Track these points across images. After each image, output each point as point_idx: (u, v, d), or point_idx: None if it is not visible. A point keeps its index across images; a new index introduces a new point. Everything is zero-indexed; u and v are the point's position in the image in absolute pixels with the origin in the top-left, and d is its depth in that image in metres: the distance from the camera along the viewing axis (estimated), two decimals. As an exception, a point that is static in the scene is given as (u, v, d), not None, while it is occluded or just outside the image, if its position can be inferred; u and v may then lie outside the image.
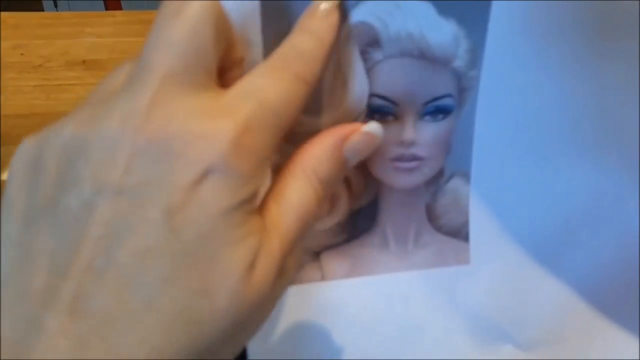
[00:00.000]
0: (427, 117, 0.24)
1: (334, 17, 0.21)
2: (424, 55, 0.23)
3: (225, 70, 0.20)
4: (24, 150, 0.18)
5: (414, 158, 0.25)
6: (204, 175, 0.16)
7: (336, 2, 0.21)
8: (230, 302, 0.16)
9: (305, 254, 0.26)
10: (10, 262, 0.16)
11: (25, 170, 0.17)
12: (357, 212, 0.26)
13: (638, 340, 0.27)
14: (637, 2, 0.22)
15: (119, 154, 0.16)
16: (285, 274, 0.18)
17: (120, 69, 0.19)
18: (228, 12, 0.21)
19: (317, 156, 0.19)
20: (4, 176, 0.45)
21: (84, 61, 0.56)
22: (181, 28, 0.17)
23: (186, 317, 0.15)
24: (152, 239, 0.15)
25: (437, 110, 0.24)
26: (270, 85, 0.18)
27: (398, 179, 0.25)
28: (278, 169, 0.20)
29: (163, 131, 0.16)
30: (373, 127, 0.21)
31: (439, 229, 0.27)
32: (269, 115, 0.17)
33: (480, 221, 0.27)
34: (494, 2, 0.22)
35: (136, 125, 0.16)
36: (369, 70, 0.23)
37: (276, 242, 0.17)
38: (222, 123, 0.16)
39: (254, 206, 0.17)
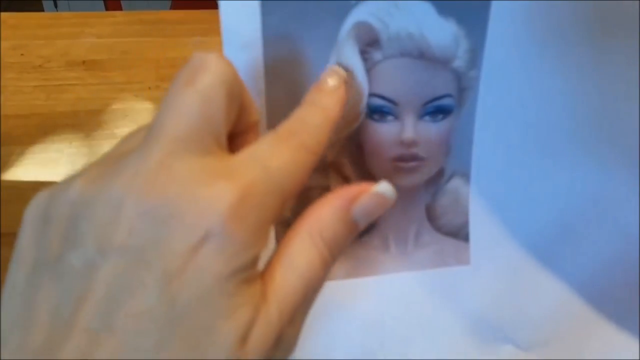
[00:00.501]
0: (427, 117, 0.24)
1: (341, 92, 0.21)
2: (423, 56, 0.23)
3: (237, 134, 0.20)
4: (36, 203, 0.18)
5: (414, 158, 0.25)
6: (202, 240, 0.16)
7: (342, 77, 0.21)
8: None
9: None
10: (13, 314, 0.17)
11: (36, 222, 0.18)
12: (357, 212, 0.26)
13: (638, 341, 0.27)
14: (637, 2, 0.22)
15: (122, 216, 0.16)
16: (285, 342, 0.18)
17: (137, 132, 0.20)
18: (229, 15, 0.21)
19: (324, 219, 0.19)
20: (4, 176, 0.45)
21: (84, 61, 0.56)
22: (193, 97, 0.17)
23: None
24: (149, 304, 0.15)
25: (437, 110, 0.24)
26: (275, 153, 0.18)
27: (398, 178, 0.25)
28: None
29: (165, 194, 0.16)
30: (384, 188, 0.20)
31: (439, 229, 0.27)
32: (273, 182, 0.18)
33: (481, 221, 0.27)
34: (493, 2, 0.22)
35: (140, 187, 0.16)
36: (369, 70, 0.23)
37: (275, 310, 0.17)
38: (223, 186, 0.16)
39: (252, 273, 0.17)
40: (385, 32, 0.22)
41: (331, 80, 0.21)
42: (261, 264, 0.18)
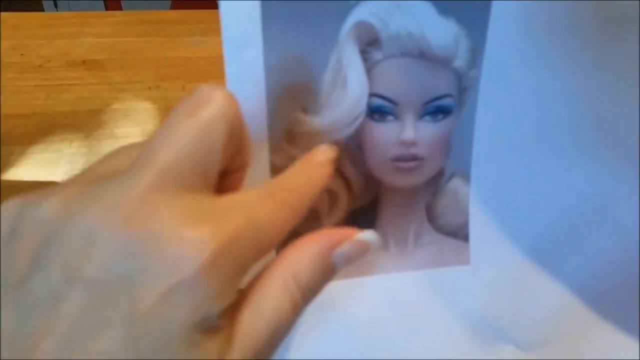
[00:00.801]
0: (427, 117, 0.24)
1: (328, 169, 0.21)
2: (424, 55, 0.23)
3: (226, 173, 0.19)
4: (7, 210, 0.17)
5: (414, 158, 0.25)
6: (174, 287, 0.15)
7: (331, 156, 0.22)
8: None
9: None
10: None
11: (4, 235, 0.17)
12: (357, 211, 0.26)
13: (638, 341, 0.27)
14: (637, 2, 0.22)
15: (94, 248, 0.15)
16: None
17: (126, 150, 0.19)
18: (229, 15, 0.21)
19: (300, 262, 0.18)
20: (4, 176, 0.45)
21: (84, 61, 0.56)
22: (192, 129, 0.17)
23: None
24: (111, 346, 0.15)
25: (437, 110, 0.24)
26: (260, 204, 0.18)
27: (398, 178, 0.25)
28: (277, 171, 0.20)
29: (143, 231, 0.15)
30: (369, 236, 0.20)
31: (439, 229, 0.27)
32: (256, 234, 0.17)
33: (480, 221, 0.27)
34: (494, 2, 0.22)
35: (118, 221, 0.15)
36: (369, 70, 0.23)
37: (238, 356, 0.17)
38: (206, 232, 0.16)
39: (219, 323, 0.16)
40: (386, 32, 0.22)
41: (320, 157, 0.21)
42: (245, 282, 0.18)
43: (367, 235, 0.20)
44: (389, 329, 0.28)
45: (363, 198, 0.26)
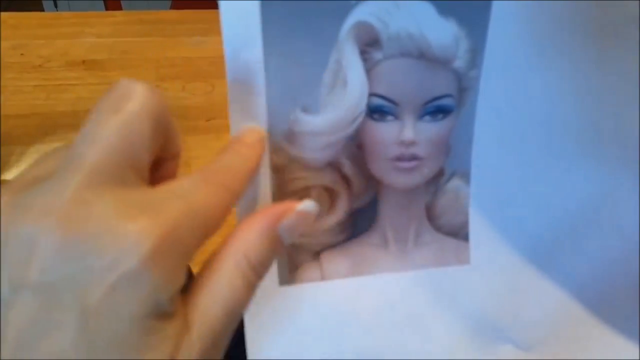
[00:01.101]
0: (427, 117, 0.24)
1: (259, 149, 0.22)
2: (424, 55, 0.23)
3: (159, 163, 0.20)
4: None
5: (414, 158, 0.25)
6: (120, 280, 0.15)
7: (260, 137, 0.22)
8: None
9: (305, 254, 0.26)
10: None
11: None
12: (357, 211, 0.26)
13: (638, 341, 0.27)
14: (637, 2, 0.22)
15: (34, 253, 0.15)
16: None
17: (56, 152, 0.19)
18: (229, 15, 0.21)
19: (248, 240, 0.19)
20: (4, 176, 0.45)
21: (84, 61, 0.56)
22: (116, 126, 0.17)
23: None
24: (66, 344, 0.15)
25: (437, 110, 0.24)
26: (198, 189, 0.18)
27: (398, 178, 0.25)
28: (277, 171, 0.20)
29: (81, 230, 0.15)
30: (307, 205, 0.21)
31: (438, 228, 0.27)
32: (195, 218, 0.17)
33: (480, 221, 0.27)
34: (494, 3, 0.22)
35: (54, 222, 0.15)
36: (369, 70, 0.23)
37: (197, 340, 0.17)
38: (144, 223, 0.16)
39: (171, 309, 0.17)
40: (386, 32, 0.22)
41: (248, 138, 0.22)
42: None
43: (305, 205, 0.21)
44: (388, 329, 0.28)
45: (363, 198, 0.26)
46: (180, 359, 0.16)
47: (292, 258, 0.25)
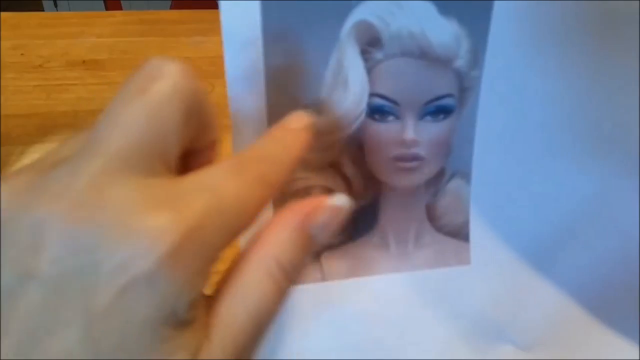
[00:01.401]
0: (428, 117, 0.24)
1: (304, 135, 0.20)
2: (425, 55, 0.23)
3: (193, 152, 0.18)
4: None
5: (415, 158, 0.25)
6: (133, 281, 0.14)
7: (307, 122, 0.20)
8: None
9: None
10: None
11: None
12: (358, 212, 0.26)
13: (637, 341, 0.27)
14: (638, 1, 0.22)
15: (44, 241, 0.14)
16: None
17: (74, 138, 0.17)
18: (229, 15, 0.21)
19: (279, 242, 0.17)
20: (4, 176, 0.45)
21: (84, 61, 0.56)
22: (142, 108, 0.15)
23: None
24: (69, 344, 0.14)
25: (438, 110, 0.24)
26: (230, 180, 0.16)
27: (398, 178, 0.25)
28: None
29: (94, 222, 0.14)
30: (340, 199, 0.19)
31: (439, 229, 0.27)
32: (224, 214, 0.15)
33: (481, 221, 0.27)
34: (495, 2, 0.22)
35: (66, 210, 0.14)
36: (369, 70, 0.23)
37: (219, 351, 0.15)
38: (164, 218, 0.14)
39: (190, 316, 0.15)
40: (387, 32, 0.22)
41: (294, 123, 0.20)
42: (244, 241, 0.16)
43: (337, 199, 0.19)
44: (389, 329, 0.28)
45: (364, 198, 0.26)
46: None
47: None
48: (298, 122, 0.20)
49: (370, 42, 0.22)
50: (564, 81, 0.24)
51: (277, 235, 0.17)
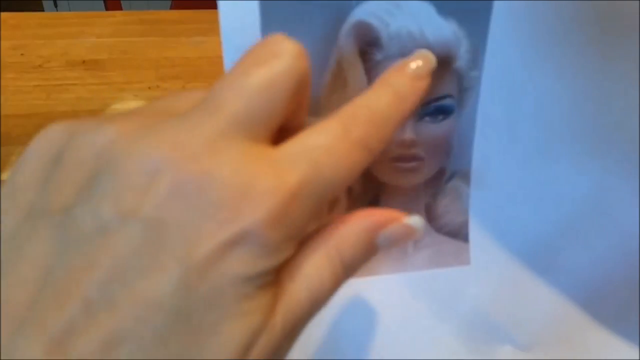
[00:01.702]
0: (428, 118, 0.24)
1: (425, 82, 0.19)
2: (424, 56, 0.23)
3: (283, 130, 0.18)
4: (49, 137, 0.16)
5: (414, 158, 0.25)
6: (234, 239, 0.14)
7: (431, 64, 0.19)
8: None
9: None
10: None
11: (44, 160, 0.16)
12: (357, 212, 0.26)
13: (638, 341, 0.27)
14: (638, 1, 0.22)
15: (154, 185, 0.14)
16: (278, 355, 0.16)
17: (187, 94, 0.18)
18: (229, 15, 0.21)
19: (345, 236, 0.18)
20: (4, 176, 0.45)
21: (84, 61, 0.56)
22: (261, 78, 0.16)
23: None
24: (161, 290, 0.14)
25: (437, 110, 0.24)
26: (329, 148, 0.16)
27: (398, 179, 0.25)
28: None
29: (207, 176, 0.14)
30: (416, 221, 0.19)
31: (439, 229, 0.27)
32: (320, 185, 0.16)
33: (481, 222, 0.27)
34: (495, 3, 0.22)
35: (183, 161, 0.14)
36: (369, 71, 0.23)
37: (280, 322, 0.16)
38: (269, 184, 0.15)
39: (272, 278, 0.16)
40: (386, 32, 0.22)
41: (415, 65, 0.19)
42: None
43: (414, 220, 0.19)
44: (388, 330, 0.28)
45: (363, 198, 0.26)
46: (264, 336, 0.15)
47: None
48: (417, 64, 0.19)
49: (369, 43, 0.22)
50: (563, 81, 0.24)
51: (346, 232, 0.18)
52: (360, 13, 0.22)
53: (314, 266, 0.17)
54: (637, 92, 0.24)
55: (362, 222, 0.18)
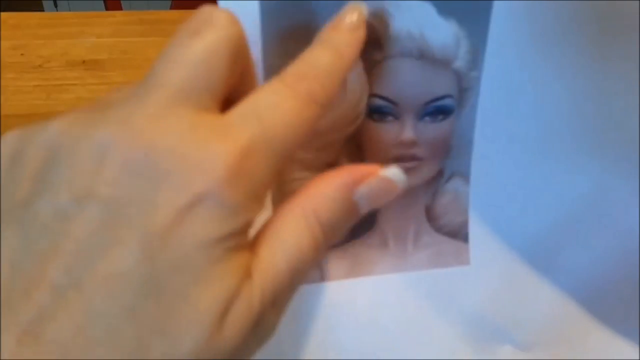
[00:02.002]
0: (427, 118, 0.24)
1: (360, 33, 0.19)
2: (424, 56, 0.23)
3: (232, 100, 0.18)
4: (6, 142, 0.17)
5: (414, 158, 0.25)
6: (192, 202, 0.14)
7: (363, 14, 0.19)
8: (193, 350, 0.14)
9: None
10: None
11: (5, 162, 0.16)
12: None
13: (638, 341, 0.27)
14: (638, 2, 0.22)
15: (105, 164, 0.14)
16: (263, 327, 0.16)
17: (128, 85, 0.18)
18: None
19: (322, 197, 0.17)
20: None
21: (84, 61, 0.56)
22: (197, 48, 0.16)
23: (143, 357, 0.14)
24: (125, 265, 0.14)
25: (437, 110, 0.24)
26: (277, 105, 0.17)
27: (398, 179, 0.25)
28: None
29: (157, 147, 0.15)
30: (394, 172, 0.18)
31: (438, 229, 0.27)
32: (273, 140, 0.16)
33: (480, 222, 0.27)
34: (495, 3, 0.22)
35: (130, 136, 0.15)
36: (369, 71, 0.23)
37: (258, 289, 0.16)
38: (219, 146, 0.15)
39: (242, 241, 0.16)
40: (386, 32, 0.22)
41: (350, 17, 0.19)
42: (253, 232, 0.17)
43: (392, 172, 0.18)
44: (388, 330, 0.28)
45: (363, 198, 0.25)
46: (240, 302, 0.15)
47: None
48: (352, 17, 0.19)
49: (369, 43, 0.22)
50: (563, 81, 0.24)
51: (321, 191, 0.17)
52: (360, 13, 0.22)
53: (291, 232, 0.17)
54: (637, 92, 0.24)
55: (336, 180, 0.18)
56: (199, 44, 0.16)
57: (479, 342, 0.28)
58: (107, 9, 1.43)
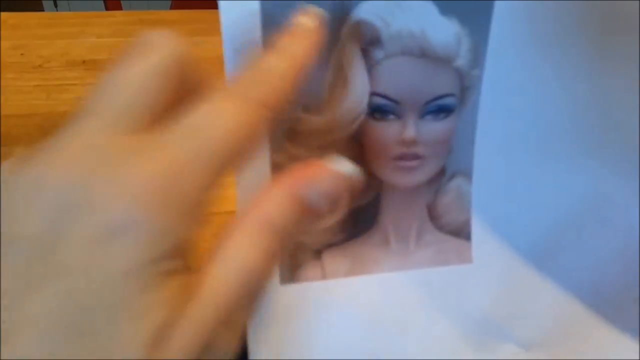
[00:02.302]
0: (429, 116, 0.24)
1: (316, 37, 0.19)
2: (425, 54, 0.23)
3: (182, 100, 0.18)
4: None
5: (416, 157, 0.25)
6: (108, 232, 0.14)
7: (319, 17, 0.19)
8: None
9: (306, 253, 0.26)
10: None
11: None
12: (358, 210, 0.26)
13: (638, 341, 0.27)
14: (638, 1, 0.22)
15: (38, 200, 0.14)
16: (218, 346, 0.16)
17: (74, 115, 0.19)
18: (229, 15, 0.21)
19: (273, 203, 0.17)
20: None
21: (84, 61, 0.56)
22: (129, 72, 0.17)
23: None
24: (46, 306, 0.14)
25: (438, 109, 0.24)
26: (220, 115, 0.16)
27: (399, 177, 0.25)
28: (278, 170, 0.18)
29: (81, 175, 0.14)
30: (342, 165, 0.18)
31: (440, 228, 0.27)
32: (209, 153, 0.15)
33: (482, 220, 0.27)
34: (496, 2, 0.22)
35: (61, 168, 0.15)
36: (370, 69, 0.23)
37: (204, 308, 0.15)
38: (140, 165, 0.15)
39: (173, 264, 0.15)
40: (387, 31, 0.22)
41: (305, 21, 0.19)
42: None
43: (339, 164, 0.18)
44: (390, 328, 0.28)
45: (364, 197, 0.25)
46: (182, 325, 0.15)
47: (293, 257, 0.25)
48: (307, 21, 0.19)
49: (370, 42, 0.22)
50: (563, 80, 0.24)
51: (271, 197, 0.17)
52: (361, 12, 0.22)
53: (242, 244, 0.16)
54: (637, 92, 0.24)
55: (286, 185, 0.17)
56: (131, 69, 0.17)
57: (481, 341, 0.28)
58: (107, 9, 1.43)
